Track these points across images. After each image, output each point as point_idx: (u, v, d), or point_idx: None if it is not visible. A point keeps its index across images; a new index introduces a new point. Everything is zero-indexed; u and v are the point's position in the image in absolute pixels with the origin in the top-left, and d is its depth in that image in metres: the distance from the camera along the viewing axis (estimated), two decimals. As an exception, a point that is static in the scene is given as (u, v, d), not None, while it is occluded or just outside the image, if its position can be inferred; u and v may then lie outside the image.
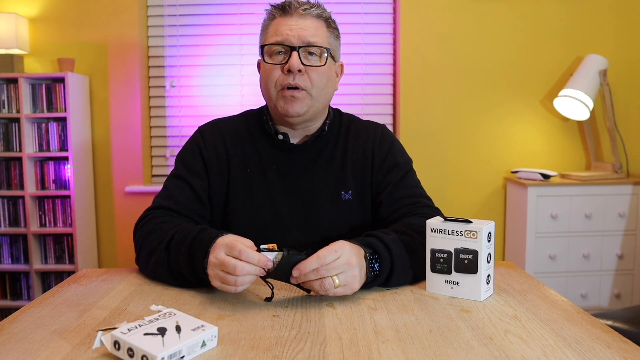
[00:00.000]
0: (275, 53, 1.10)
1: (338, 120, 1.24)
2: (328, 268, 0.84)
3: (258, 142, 1.19)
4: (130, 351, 0.65)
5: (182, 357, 0.66)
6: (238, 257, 0.83)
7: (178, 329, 0.69)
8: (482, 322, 0.78)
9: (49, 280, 2.75)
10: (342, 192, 1.17)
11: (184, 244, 0.94)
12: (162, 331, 0.68)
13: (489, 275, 0.89)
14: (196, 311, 0.84)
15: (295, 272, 0.84)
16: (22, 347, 0.71)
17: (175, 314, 0.74)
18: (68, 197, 2.68)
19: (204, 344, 0.69)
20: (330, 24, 1.15)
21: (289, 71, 1.08)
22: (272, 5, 1.14)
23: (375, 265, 0.92)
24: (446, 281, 0.90)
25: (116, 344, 0.67)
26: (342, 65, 1.22)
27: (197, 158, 1.18)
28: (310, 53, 1.10)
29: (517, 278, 1.01)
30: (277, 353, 0.68)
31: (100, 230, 2.90)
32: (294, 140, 1.19)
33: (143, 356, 0.63)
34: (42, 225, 2.72)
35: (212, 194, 1.17)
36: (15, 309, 2.60)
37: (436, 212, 1.15)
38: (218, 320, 0.80)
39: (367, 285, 0.92)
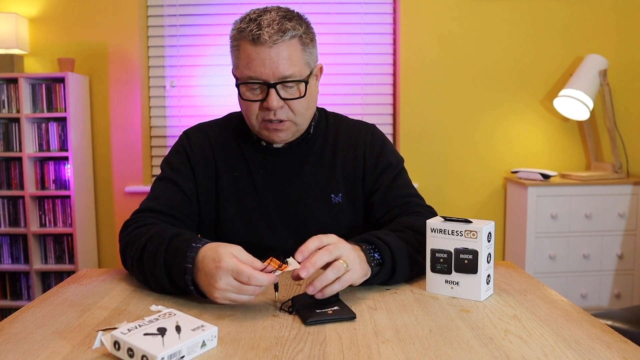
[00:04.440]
0: (251, 88, 1.04)
1: (324, 120, 1.21)
2: (332, 248, 0.82)
3: (243, 145, 1.17)
4: (130, 351, 0.65)
5: (182, 357, 0.66)
6: (248, 282, 0.79)
7: (178, 329, 0.69)
8: (482, 322, 0.78)
9: (49, 280, 2.75)
10: (332, 195, 1.16)
11: (158, 255, 0.91)
12: (162, 331, 0.68)
13: (489, 275, 0.89)
14: (196, 311, 0.84)
15: (298, 256, 0.81)
16: (22, 347, 0.71)
17: (175, 314, 0.74)
18: (68, 197, 2.68)
19: (204, 344, 0.69)
20: (304, 39, 1.04)
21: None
22: (238, 27, 1.04)
23: (376, 255, 0.91)
24: (446, 281, 0.90)
25: (116, 344, 0.67)
26: (321, 67, 1.14)
27: (183, 160, 1.16)
28: (288, 85, 1.04)
29: (517, 278, 1.01)
30: (277, 353, 0.68)
31: (100, 230, 2.90)
32: (278, 144, 1.17)
33: (143, 356, 0.63)
34: (42, 225, 2.72)
35: (200, 195, 1.15)
36: (15, 309, 2.60)
37: (428, 210, 1.14)
38: (218, 320, 0.80)
39: (375, 278, 0.91)
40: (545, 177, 2.60)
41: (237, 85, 1.07)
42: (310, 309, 0.81)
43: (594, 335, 0.73)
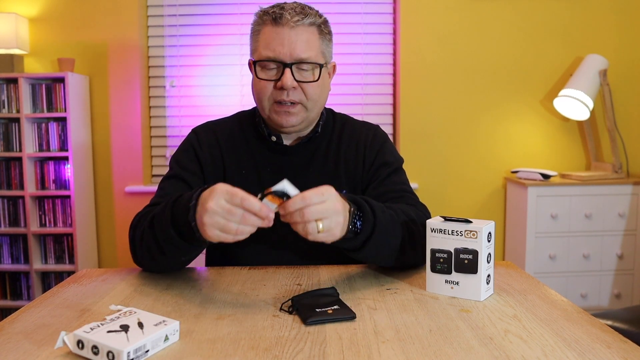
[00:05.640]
0: (267, 67, 1.09)
1: (331, 120, 1.24)
2: (313, 211, 0.82)
3: (252, 143, 1.19)
4: (95, 348, 0.65)
5: (147, 351, 0.67)
6: (240, 204, 0.79)
7: (140, 325, 0.70)
8: (482, 322, 0.78)
9: (49, 280, 2.75)
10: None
11: (165, 210, 0.93)
12: (125, 328, 0.69)
13: (489, 275, 0.89)
14: (196, 311, 0.84)
15: (281, 210, 0.83)
16: (22, 347, 0.71)
17: (135, 312, 0.75)
18: (68, 197, 2.68)
19: (166, 338, 0.70)
20: (322, 29, 1.12)
21: (282, 88, 1.08)
22: (262, 11, 1.11)
23: (358, 223, 0.91)
24: (446, 281, 0.90)
25: (79, 343, 0.67)
26: (334, 66, 1.21)
27: (192, 158, 1.18)
28: (304, 69, 1.09)
29: (517, 278, 1.01)
30: (277, 353, 0.68)
31: (100, 230, 2.90)
32: (287, 141, 1.20)
33: (109, 352, 0.64)
34: (42, 225, 2.72)
35: None
36: (15, 309, 2.60)
37: (422, 206, 1.15)
38: (218, 320, 0.80)
39: (342, 242, 0.91)
40: (545, 177, 2.60)
41: (254, 65, 1.11)
42: (310, 309, 0.81)
43: (594, 335, 0.73)
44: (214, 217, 0.81)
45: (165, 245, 0.95)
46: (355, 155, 1.20)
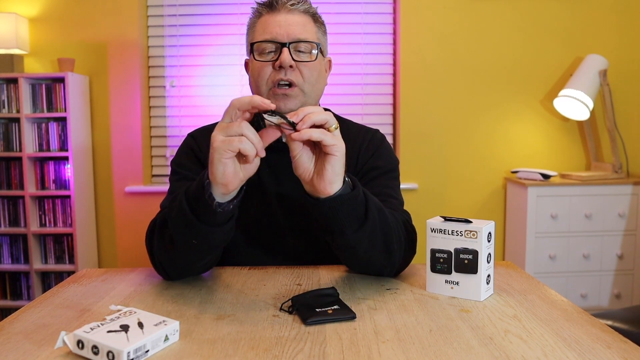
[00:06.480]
0: (265, 51, 1.10)
1: None
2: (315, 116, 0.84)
3: None
4: (95, 348, 0.65)
5: (147, 351, 0.67)
6: (234, 108, 0.82)
7: (140, 325, 0.70)
8: (482, 322, 0.78)
9: (49, 280, 2.75)
10: None
11: (180, 194, 0.92)
12: (125, 328, 0.69)
13: (489, 275, 0.89)
14: (196, 311, 0.84)
15: (293, 117, 0.83)
16: (22, 347, 0.71)
17: (135, 312, 0.75)
18: (68, 197, 2.68)
19: (166, 339, 0.70)
20: (317, 19, 1.14)
21: (280, 67, 1.08)
22: (258, 3, 1.13)
23: (346, 178, 0.89)
24: (446, 281, 0.90)
25: (79, 343, 0.67)
26: (330, 61, 1.22)
27: (192, 160, 1.17)
28: (300, 50, 1.10)
29: (517, 278, 1.01)
30: (277, 353, 0.68)
31: (100, 230, 2.90)
32: (285, 139, 1.18)
33: (109, 352, 0.64)
34: (42, 225, 2.72)
35: None
36: (15, 309, 2.60)
37: (403, 212, 1.10)
38: (218, 320, 0.80)
39: (344, 199, 0.87)
40: (545, 177, 2.60)
41: (251, 47, 1.11)
42: (310, 308, 0.81)
43: (594, 335, 0.73)
44: (218, 137, 0.81)
45: (175, 225, 0.91)
46: (349, 157, 1.18)
